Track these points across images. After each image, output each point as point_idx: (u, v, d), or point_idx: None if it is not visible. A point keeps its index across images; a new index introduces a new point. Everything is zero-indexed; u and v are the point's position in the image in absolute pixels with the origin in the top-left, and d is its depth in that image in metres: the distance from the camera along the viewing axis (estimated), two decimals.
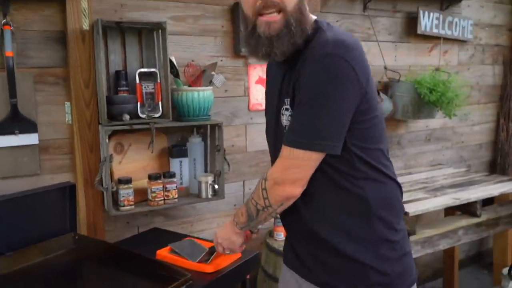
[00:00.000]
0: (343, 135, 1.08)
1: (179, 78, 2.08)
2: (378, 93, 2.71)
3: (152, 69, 2.03)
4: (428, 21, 2.94)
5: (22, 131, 1.86)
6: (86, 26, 1.84)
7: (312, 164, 1.08)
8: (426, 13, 2.92)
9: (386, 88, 2.88)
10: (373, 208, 1.14)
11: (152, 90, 2.05)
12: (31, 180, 1.90)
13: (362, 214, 1.15)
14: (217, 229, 1.98)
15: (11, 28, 1.78)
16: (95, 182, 1.92)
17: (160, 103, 2.02)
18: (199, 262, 1.60)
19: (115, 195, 1.95)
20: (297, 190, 1.11)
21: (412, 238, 2.25)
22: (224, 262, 1.64)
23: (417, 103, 2.75)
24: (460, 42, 3.23)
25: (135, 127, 1.93)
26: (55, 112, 1.97)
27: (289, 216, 1.23)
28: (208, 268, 1.59)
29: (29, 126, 1.88)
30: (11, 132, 1.84)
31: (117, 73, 2.02)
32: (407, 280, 1.21)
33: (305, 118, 1.06)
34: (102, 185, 1.90)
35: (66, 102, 1.97)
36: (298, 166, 1.08)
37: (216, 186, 2.13)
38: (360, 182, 1.13)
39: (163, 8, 2.15)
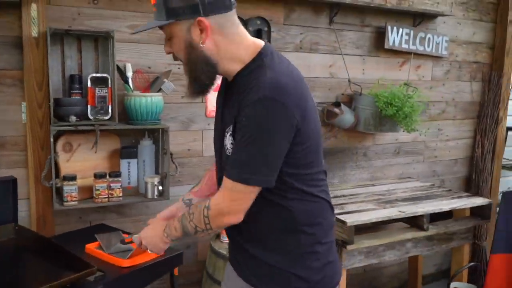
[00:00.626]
0: (278, 168, 1.19)
1: (128, 84, 2.21)
2: (339, 105, 2.77)
3: (104, 74, 2.16)
4: (397, 36, 2.98)
5: None
6: (35, 33, 1.99)
7: (253, 196, 1.20)
8: (395, 28, 2.96)
9: (350, 100, 2.93)
10: (300, 225, 1.27)
11: (105, 94, 2.18)
12: None
13: (290, 230, 1.28)
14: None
15: None
16: (41, 178, 2.06)
17: (110, 106, 2.15)
18: (112, 254, 1.72)
19: (61, 191, 2.09)
20: (239, 218, 1.21)
21: (352, 247, 2.29)
22: (143, 258, 1.75)
23: (378, 116, 2.79)
24: (435, 57, 3.24)
25: (80, 128, 2.06)
26: (12, 112, 2.12)
27: (228, 228, 1.33)
28: (125, 262, 1.70)
29: None
30: None
31: (71, 77, 2.17)
32: (327, 285, 1.34)
33: (246, 155, 1.15)
34: (48, 181, 2.04)
35: (22, 103, 2.13)
36: (241, 199, 1.19)
37: (160, 188, 2.24)
38: (289, 202, 1.26)
39: (122, 17, 2.29)
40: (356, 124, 2.86)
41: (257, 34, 2.58)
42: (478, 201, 2.72)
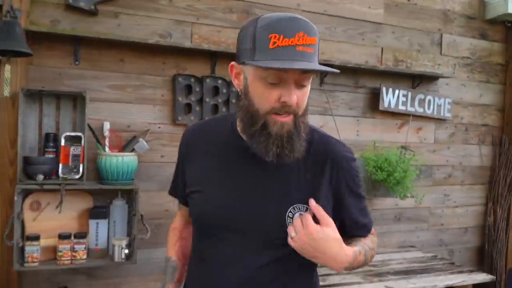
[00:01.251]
0: None
1: (100, 143, 2.19)
2: None
3: (78, 133, 2.17)
4: (393, 97, 2.88)
5: None
6: (6, 93, 2.03)
7: None
8: (390, 89, 2.86)
9: None
10: None
11: (79, 153, 2.17)
12: None
13: None
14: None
15: None
16: (4, 237, 2.02)
17: (81, 165, 2.13)
18: None
19: (23, 251, 2.04)
20: None
21: None
22: None
23: (371, 180, 2.65)
24: (437, 120, 3.10)
25: (46, 187, 2.04)
26: None
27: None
28: None
29: None
30: None
31: (46, 135, 2.18)
32: None
33: (365, 207, 1.22)
34: (10, 240, 2.00)
35: None
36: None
37: (126, 251, 2.15)
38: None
39: (103, 77, 2.32)
40: None
41: None
42: (480, 277, 2.47)
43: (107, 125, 2.30)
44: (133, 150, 2.23)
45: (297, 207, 1.08)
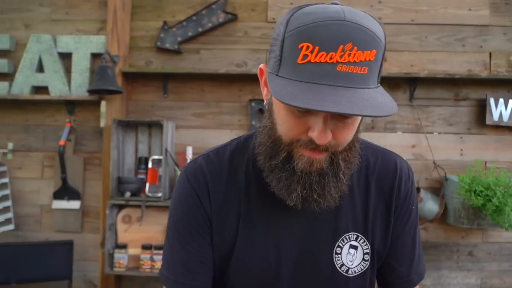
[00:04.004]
0: None
1: (177, 165, 2.44)
2: (419, 191, 2.37)
3: (161, 157, 2.47)
4: (505, 109, 2.43)
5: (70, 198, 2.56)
6: (102, 124, 2.46)
7: None
8: (502, 100, 2.43)
9: (437, 187, 2.47)
10: None
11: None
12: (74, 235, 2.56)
13: None
14: None
15: (71, 124, 2.55)
16: (100, 244, 2.42)
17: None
18: None
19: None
20: None
21: None
22: None
23: (471, 207, 2.27)
24: None
25: (131, 203, 2.37)
26: (96, 186, 2.60)
27: None
28: None
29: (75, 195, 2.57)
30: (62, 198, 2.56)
31: (139, 159, 2.55)
32: None
33: (418, 245, 0.95)
34: (104, 248, 2.38)
35: None
36: None
37: None
38: None
39: (187, 107, 2.60)
40: (444, 215, 2.38)
41: None
42: None
43: (189, 149, 2.55)
44: None
45: (347, 237, 0.88)
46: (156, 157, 2.50)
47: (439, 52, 2.54)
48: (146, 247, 2.37)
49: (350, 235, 0.87)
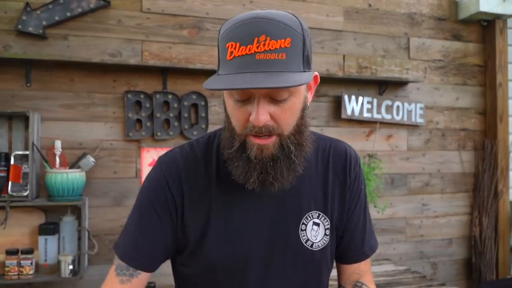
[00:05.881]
0: None
1: (46, 161, 2.26)
2: None
3: (26, 152, 2.25)
4: (357, 105, 2.82)
5: None
6: None
7: None
8: (353, 97, 2.81)
9: None
10: None
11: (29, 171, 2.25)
12: None
13: None
14: None
15: None
16: None
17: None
18: None
19: None
20: None
21: None
22: None
23: None
24: (410, 126, 3.00)
25: None
26: None
27: None
28: None
29: None
30: None
31: None
32: None
33: (369, 221, 1.10)
34: None
35: None
36: None
37: (71, 267, 2.19)
38: None
39: (54, 97, 2.40)
40: None
41: (195, 108, 2.57)
42: None
43: (58, 143, 2.36)
44: (78, 167, 2.29)
45: (310, 215, 0.99)
46: (19, 152, 2.27)
47: None
48: (11, 252, 2.14)
49: (312, 213, 1.00)
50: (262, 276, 0.98)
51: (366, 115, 2.84)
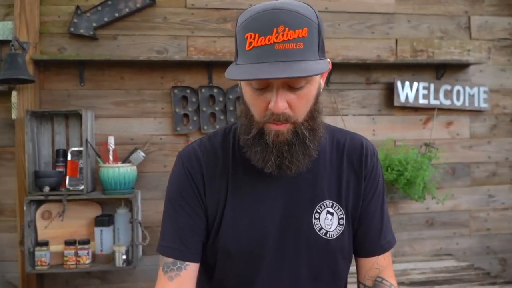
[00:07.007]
0: None
1: (100, 157, 2.36)
2: None
3: (81, 148, 2.37)
4: (411, 91, 2.66)
5: None
6: (14, 116, 2.30)
7: None
8: (407, 83, 2.65)
9: None
10: None
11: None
12: None
13: None
14: None
15: None
16: (18, 243, 2.28)
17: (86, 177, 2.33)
18: None
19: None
20: None
21: None
22: None
23: (385, 182, 2.46)
24: (472, 112, 2.78)
25: (52, 198, 2.26)
26: (10, 182, 2.43)
27: None
28: None
29: None
30: None
31: (57, 151, 2.42)
32: None
33: (386, 215, 1.07)
34: (23, 246, 2.25)
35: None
36: None
37: (124, 257, 2.28)
38: None
39: (106, 95, 2.51)
40: None
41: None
42: None
43: (111, 139, 2.47)
44: (129, 161, 2.37)
45: (323, 204, 1.01)
46: (75, 148, 2.40)
47: (351, 39, 2.69)
48: (69, 243, 2.28)
49: (326, 202, 1.01)
50: (275, 263, 1.00)
51: (422, 101, 2.67)
